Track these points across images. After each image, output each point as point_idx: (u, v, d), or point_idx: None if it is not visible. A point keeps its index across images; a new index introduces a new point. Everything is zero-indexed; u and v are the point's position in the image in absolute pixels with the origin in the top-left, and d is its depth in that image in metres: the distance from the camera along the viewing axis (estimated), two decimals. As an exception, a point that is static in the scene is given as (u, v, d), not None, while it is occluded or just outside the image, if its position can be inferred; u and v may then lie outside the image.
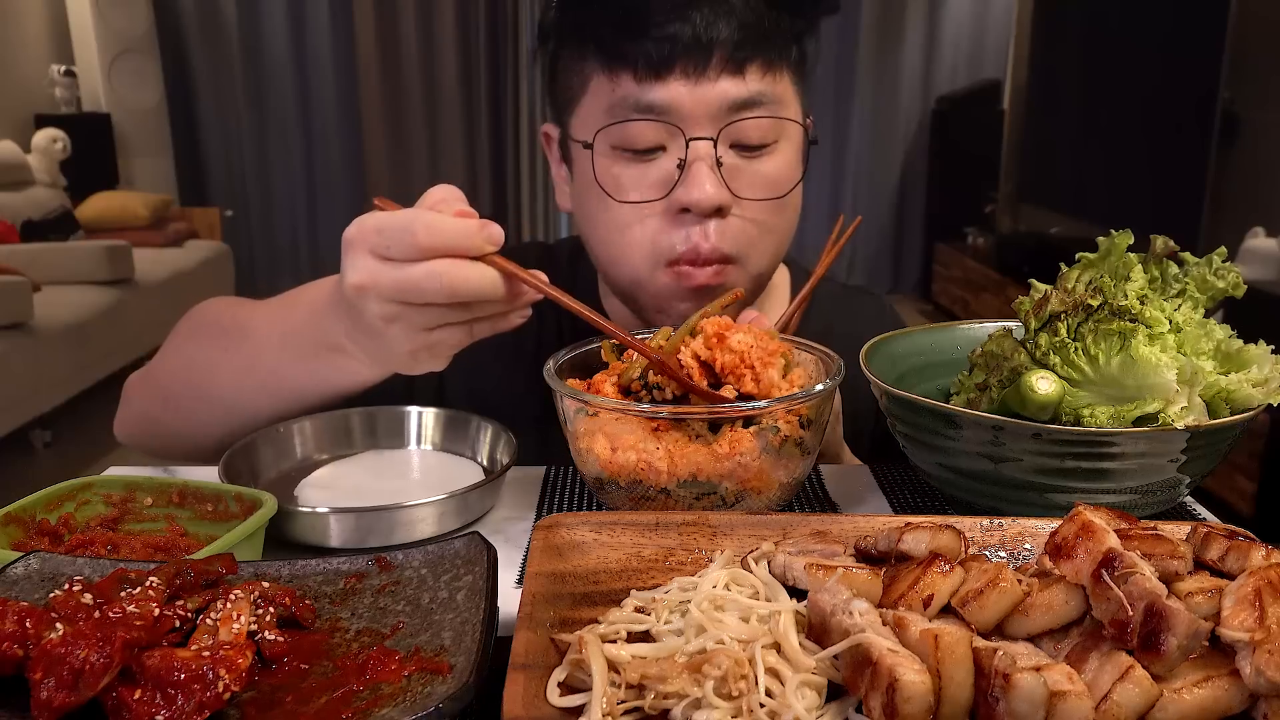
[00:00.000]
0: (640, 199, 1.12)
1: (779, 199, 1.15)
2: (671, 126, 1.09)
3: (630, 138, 1.11)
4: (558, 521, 0.73)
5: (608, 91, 1.11)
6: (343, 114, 7.49)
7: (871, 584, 0.63)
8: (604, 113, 1.12)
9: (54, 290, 5.14)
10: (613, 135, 1.12)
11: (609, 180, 1.13)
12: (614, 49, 1.10)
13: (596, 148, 1.13)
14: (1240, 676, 0.54)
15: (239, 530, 0.78)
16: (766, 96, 1.11)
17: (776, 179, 1.15)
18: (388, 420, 1.08)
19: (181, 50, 7.32)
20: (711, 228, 1.11)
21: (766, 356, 0.91)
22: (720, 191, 1.10)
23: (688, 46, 1.07)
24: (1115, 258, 0.91)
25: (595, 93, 1.13)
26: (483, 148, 7.57)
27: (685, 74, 1.08)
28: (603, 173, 1.14)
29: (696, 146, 1.09)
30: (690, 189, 1.09)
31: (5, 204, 5.75)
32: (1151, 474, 0.83)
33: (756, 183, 1.13)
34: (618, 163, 1.13)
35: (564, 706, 0.56)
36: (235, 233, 7.33)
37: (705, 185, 1.09)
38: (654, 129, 1.10)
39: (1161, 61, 4.76)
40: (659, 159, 1.12)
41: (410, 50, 7.38)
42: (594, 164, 1.14)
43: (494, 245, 0.87)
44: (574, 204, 1.23)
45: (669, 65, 1.08)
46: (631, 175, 1.13)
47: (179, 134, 7.27)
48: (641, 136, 1.11)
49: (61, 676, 0.53)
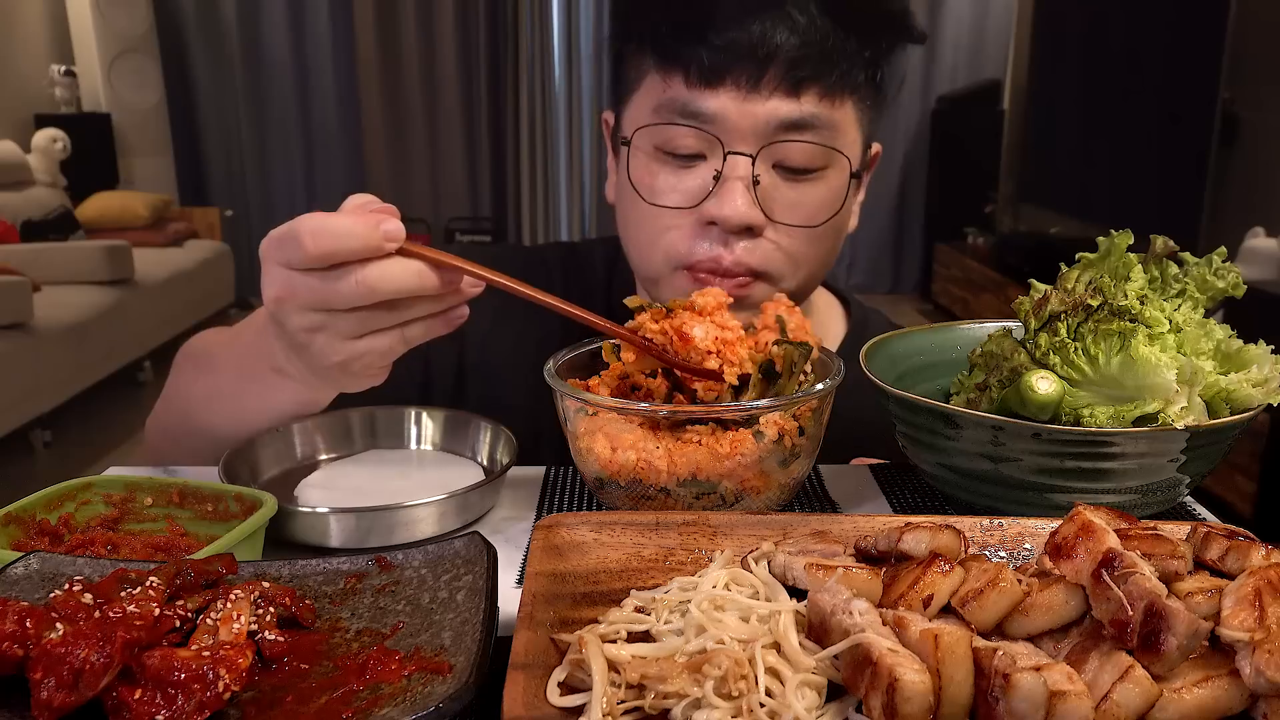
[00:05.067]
0: (672, 205, 1.11)
1: (815, 228, 1.12)
2: (711, 137, 1.07)
3: (670, 141, 1.09)
4: (558, 521, 0.73)
5: (658, 91, 1.09)
6: (343, 114, 7.49)
7: (871, 584, 0.63)
8: (650, 111, 1.10)
9: (54, 290, 5.15)
10: (654, 136, 1.10)
11: (644, 180, 1.12)
12: (670, 49, 1.08)
13: (637, 145, 1.11)
14: (1240, 676, 0.54)
15: (239, 530, 0.78)
16: (820, 121, 1.08)
17: (816, 208, 1.11)
18: (388, 420, 1.08)
19: (181, 50, 7.32)
20: (740, 246, 1.09)
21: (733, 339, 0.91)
22: (752, 211, 1.07)
23: (743, 58, 1.04)
24: (1115, 258, 0.90)
25: (647, 90, 1.11)
26: (483, 148, 7.57)
27: (736, 86, 1.05)
28: (639, 171, 1.12)
29: (734, 161, 1.07)
30: (721, 203, 1.07)
31: (5, 204, 5.75)
32: (1151, 474, 0.83)
33: (794, 208, 1.10)
34: (656, 164, 1.11)
35: (564, 706, 0.56)
36: (235, 233, 7.34)
37: (736, 201, 1.06)
38: (695, 136, 1.08)
39: (1161, 61, 4.76)
40: (698, 168, 1.10)
41: (410, 50, 7.39)
42: (629, 161, 1.12)
43: (392, 242, 0.80)
44: (615, 196, 1.22)
45: (721, 74, 1.05)
46: (668, 179, 1.11)
47: (179, 134, 7.28)
48: (681, 142, 1.09)
49: (61, 676, 0.53)
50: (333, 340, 0.84)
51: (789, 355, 0.93)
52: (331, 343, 0.84)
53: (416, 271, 0.81)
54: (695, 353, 0.90)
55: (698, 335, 0.90)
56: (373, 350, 0.85)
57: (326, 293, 0.81)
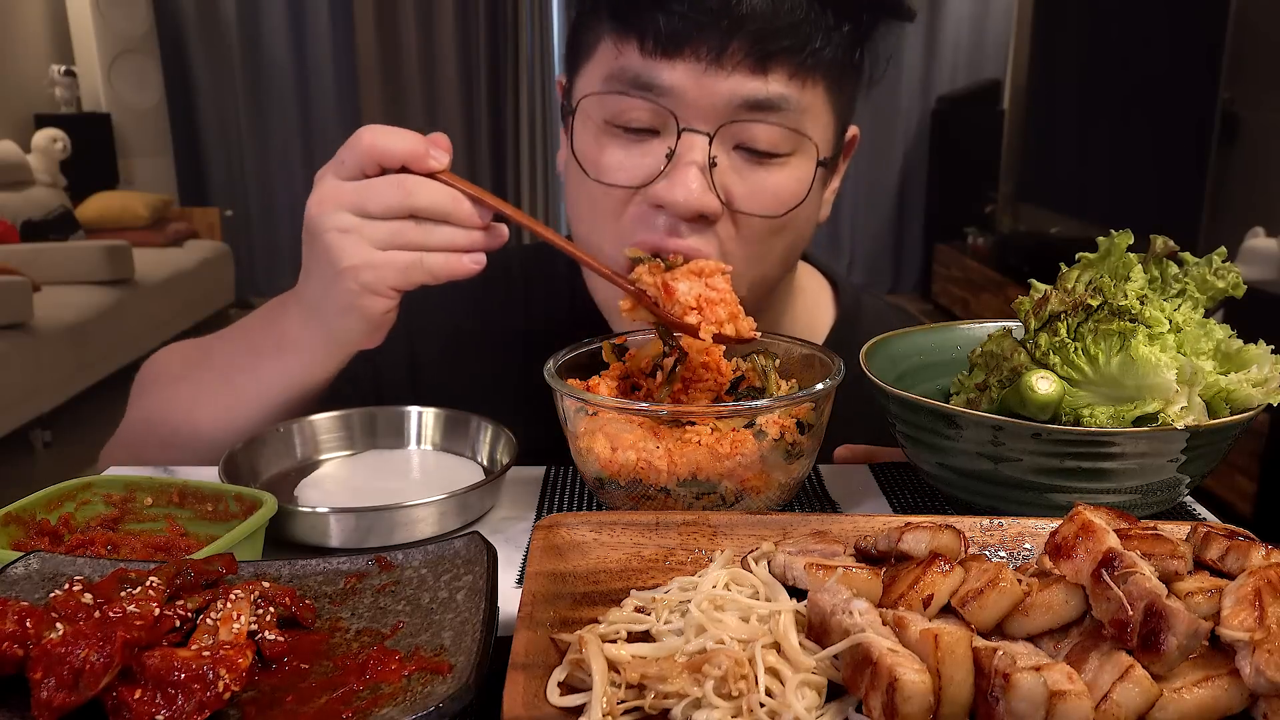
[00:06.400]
0: (619, 184, 1.01)
1: (775, 219, 1.03)
2: (666, 112, 0.97)
3: (621, 114, 1.00)
4: (558, 521, 0.73)
5: (611, 58, 1.00)
6: (343, 114, 7.49)
7: (871, 584, 0.63)
8: (601, 80, 1.01)
9: (54, 290, 5.15)
10: (604, 107, 1.01)
11: (589, 154, 1.02)
12: (624, 13, 0.98)
13: (586, 114, 1.02)
14: (1240, 676, 0.54)
15: (239, 530, 0.78)
16: (788, 103, 0.98)
17: (778, 196, 1.02)
18: (388, 420, 1.08)
19: (181, 50, 7.32)
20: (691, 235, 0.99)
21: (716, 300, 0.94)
22: (705, 197, 0.98)
23: (704, 27, 0.94)
24: (1115, 258, 0.90)
25: (600, 57, 1.02)
26: (482, 148, 7.57)
27: (696, 57, 0.95)
28: (583, 145, 1.03)
29: (689, 140, 0.97)
30: (673, 186, 0.97)
31: (5, 204, 5.76)
32: (1151, 474, 0.83)
33: (754, 196, 1.01)
34: (605, 138, 1.02)
35: (564, 706, 0.56)
36: (235, 233, 7.34)
37: (690, 185, 0.97)
38: (648, 110, 0.98)
39: (1161, 61, 4.76)
40: (649, 143, 1.00)
41: (410, 50, 7.38)
42: (575, 132, 1.04)
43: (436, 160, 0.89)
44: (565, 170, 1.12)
45: (679, 44, 0.95)
46: (616, 155, 1.01)
47: (179, 134, 7.28)
48: (632, 115, 0.99)
49: (61, 676, 0.53)
50: (358, 243, 0.89)
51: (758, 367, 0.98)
52: (357, 245, 0.89)
53: (451, 194, 0.89)
54: (678, 306, 0.94)
55: (681, 290, 0.93)
56: (391, 264, 0.89)
57: (366, 192, 0.89)
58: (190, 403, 1.08)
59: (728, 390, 0.98)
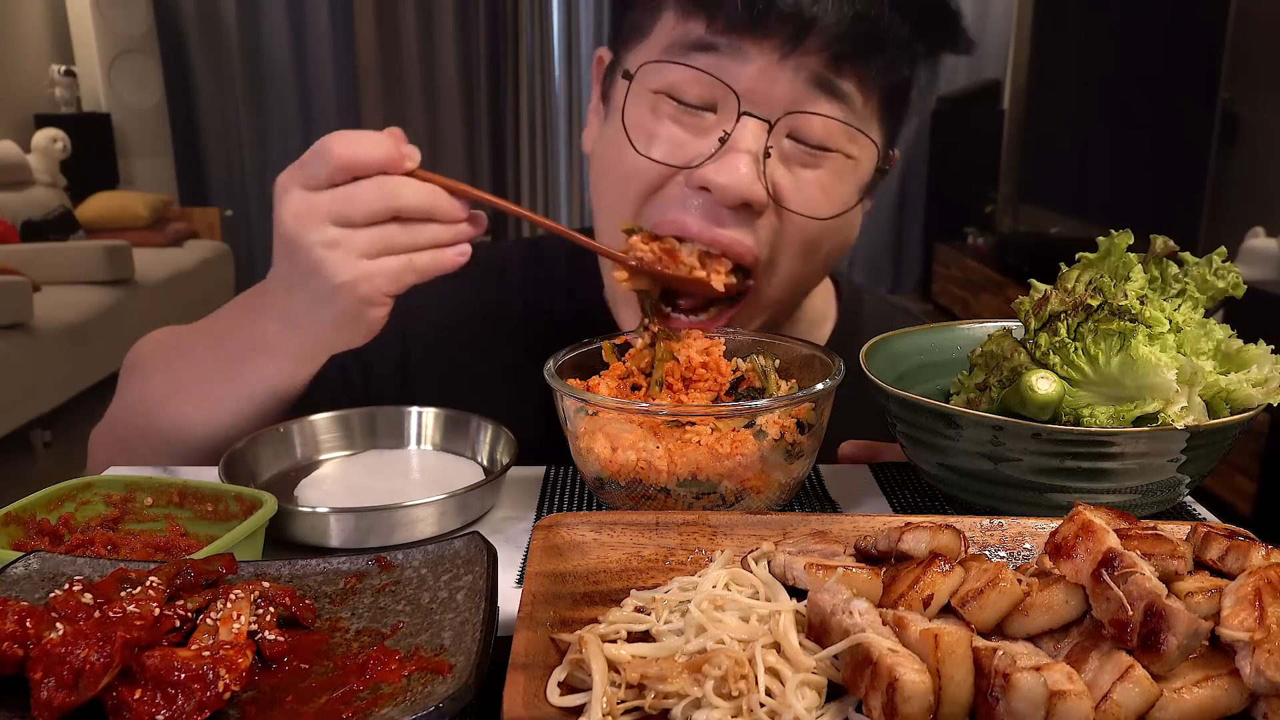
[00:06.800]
0: (663, 160, 0.97)
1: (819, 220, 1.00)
2: (727, 89, 0.94)
3: (678, 85, 0.96)
4: (558, 521, 0.73)
5: (671, 30, 0.97)
6: (343, 114, 7.49)
7: (871, 584, 0.63)
8: (661, 50, 0.97)
9: (54, 290, 5.15)
10: (661, 76, 0.97)
11: (639, 125, 0.98)
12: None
13: (640, 84, 0.98)
14: (1240, 676, 0.54)
15: (239, 530, 0.78)
16: (853, 101, 0.96)
17: (824, 197, 0.99)
18: (388, 420, 1.08)
19: (181, 50, 7.32)
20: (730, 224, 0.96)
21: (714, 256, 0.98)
22: (755, 186, 0.94)
23: (783, 16, 0.91)
24: (1115, 258, 0.90)
25: (660, 31, 0.99)
26: (482, 148, 7.57)
27: (767, 46, 0.92)
28: (634, 114, 0.98)
29: (747, 125, 0.94)
30: (721, 169, 0.94)
31: (5, 204, 5.76)
32: (1151, 474, 0.83)
33: (805, 194, 0.98)
34: (657, 110, 0.98)
35: (564, 706, 0.56)
36: (235, 233, 7.34)
37: (740, 168, 0.93)
38: (707, 85, 0.94)
39: (1161, 61, 4.76)
40: (704, 124, 0.97)
41: (410, 50, 7.38)
42: (628, 101, 0.98)
43: (410, 161, 0.87)
44: (596, 147, 1.08)
45: (751, 30, 0.92)
46: (667, 129, 0.98)
47: (179, 134, 7.28)
48: (691, 89, 0.95)
49: (61, 676, 0.53)
50: (347, 257, 0.87)
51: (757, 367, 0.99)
52: (346, 259, 0.87)
53: (432, 190, 0.87)
54: (682, 266, 0.97)
55: (684, 251, 0.97)
56: (383, 272, 0.88)
57: (347, 201, 0.86)
58: (163, 399, 1.07)
59: (727, 390, 0.98)
